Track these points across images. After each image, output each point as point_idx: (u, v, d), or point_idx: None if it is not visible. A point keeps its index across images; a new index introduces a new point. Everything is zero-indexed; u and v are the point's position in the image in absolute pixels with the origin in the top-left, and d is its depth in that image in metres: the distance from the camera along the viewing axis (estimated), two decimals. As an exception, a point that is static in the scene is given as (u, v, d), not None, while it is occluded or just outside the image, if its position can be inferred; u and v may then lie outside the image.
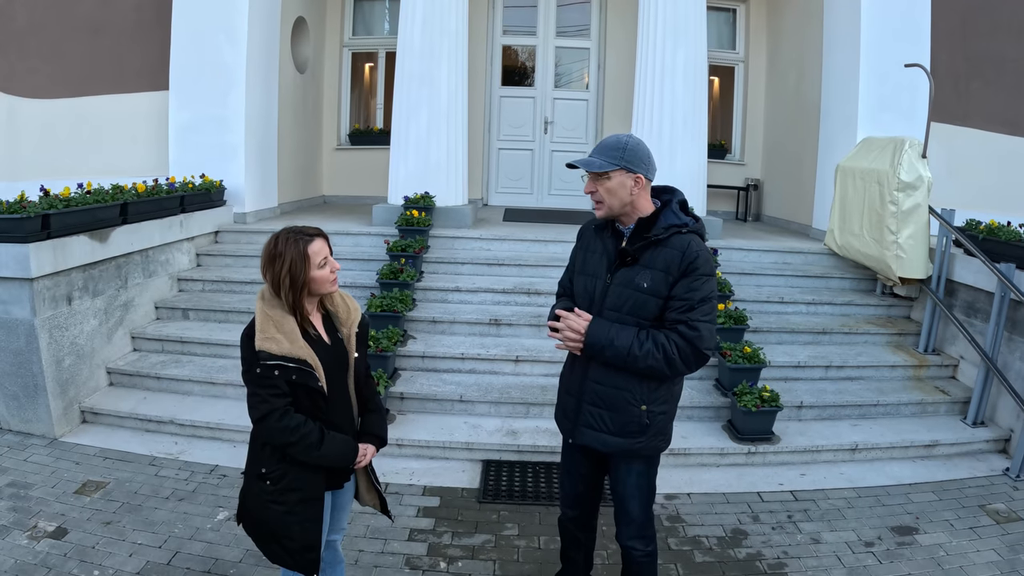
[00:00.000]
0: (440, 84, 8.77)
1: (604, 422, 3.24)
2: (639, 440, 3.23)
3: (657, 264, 3.09)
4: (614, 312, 3.15)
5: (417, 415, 6.08)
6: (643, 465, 3.36)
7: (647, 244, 3.12)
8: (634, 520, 3.41)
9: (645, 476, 3.38)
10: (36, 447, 5.65)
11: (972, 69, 9.44)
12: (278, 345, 2.84)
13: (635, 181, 3.10)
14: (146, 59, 9.61)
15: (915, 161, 7.01)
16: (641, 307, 3.11)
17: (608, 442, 3.26)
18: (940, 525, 4.88)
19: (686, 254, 3.05)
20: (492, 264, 8.04)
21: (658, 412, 3.23)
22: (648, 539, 3.46)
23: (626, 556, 3.51)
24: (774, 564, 4.41)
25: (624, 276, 3.15)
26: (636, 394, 3.17)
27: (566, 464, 3.61)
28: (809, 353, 6.87)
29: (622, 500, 3.41)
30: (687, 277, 3.05)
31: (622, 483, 3.38)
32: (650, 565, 3.51)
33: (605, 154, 3.11)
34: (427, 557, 4.39)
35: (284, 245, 2.89)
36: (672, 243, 3.09)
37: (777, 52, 11.50)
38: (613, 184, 3.10)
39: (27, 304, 5.64)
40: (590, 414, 3.27)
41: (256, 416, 2.90)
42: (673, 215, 3.16)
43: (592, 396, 3.26)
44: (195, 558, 4.29)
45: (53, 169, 9.15)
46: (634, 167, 3.08)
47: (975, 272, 6.61)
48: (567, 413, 3.41)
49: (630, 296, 3.12)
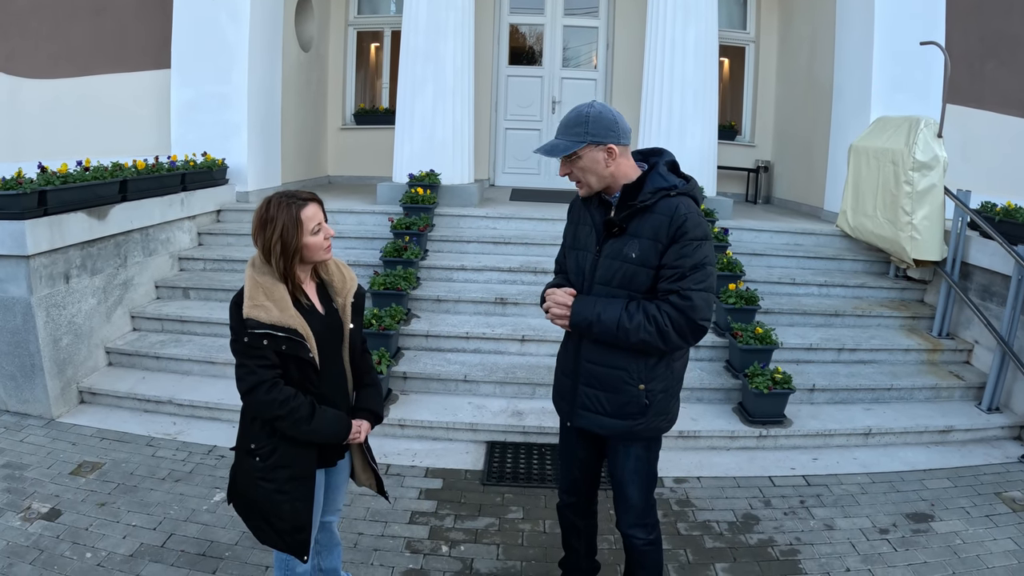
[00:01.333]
0: (446, 60, 8.66)
1: (601, 404, 3.09)
2: (639, 421, 3.08)
3: (645, 232, 2.91)
4: (604, 286, 3.00)
5: (420, 395, 5.98)
6: (642, 449, 3.20)
7: (633, 212, 2.94)
8: (633, 506, 3.27)
9: (644, 460, 3.23)
10: (33, 427, 5.57)
11: (987, 50, 9.26)
12: (267, 313, 2.72)
13: (607, 153, 2.90)
14: (148, 37, 9.52)
15: (931, 140, 6.85)
16: (631, 279, 2.95)
17: (607, 424, 3.12)
18: (956, 512, 4.76)
19: (674, 218, 2.87)
20: (498, 243, 7.92)
21: (658, 391, 3.07)
22: (650, 527, 3.33)
23: (628, 545, 3.37)
24: (786, 551, 4.29)
25: (612, 248, 2.99)
26: (633, 373, 3.02)
27: (564, 447, 3.48)
28: (821, 335, 6.73)
29: (621, 485, 3.27)
30: (676, 243, 2.87)
31: (620, 467, 3.24)
32: (653, 554, 3.37)
33: (568, 133, 2.92)
34: (428, 540, 4.29)
35: (276, 210, 2.77)
36: (659, 208, 2.91)
37: (789, 31, 11.31)
38: (585, 162, 2.93)
39: (23, 282, 5.53)
40: (587, 396, 3.13)
41: (244, 388, 2.77)
42: (660, 178, 2.97)
43: (588, 377, 3.11)
44: (190, 540, 4.20)
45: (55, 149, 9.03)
46: (601, 139, 2.88)
47: (991, 255, 6.45)
48: (564, 395, 3.28)
49: (619, 268, 2.96)
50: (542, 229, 8.23)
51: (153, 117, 9.40)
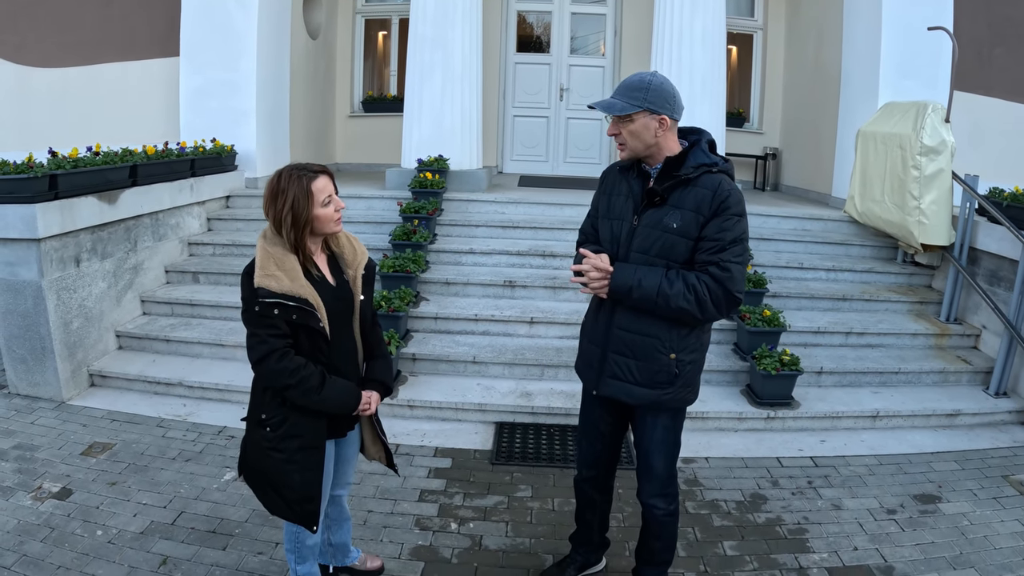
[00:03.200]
0: (454, 47, 8.66)
1: (631, 372, 3.11)
2: (667, 391, 3.11)
3: (687, 204, 2.96)
4: (642, 255, 3.02)
5: (429, 377, 6.00)
6: (669, 418, 3.24)
7: (676, 183, 2.98)
8: (657, 476, 3.30)
9: (671, 430, 3.27)
10: (43, 410, 5.61)
11: (995, 36, 9.21)
12: (278, 283, 2.74)
13: (659, 123, 2.95)
14: (156, 26, 9.54)
15: (938, 125, 6.83)
16: (670, 249, 2.98)
17: (635, 393, 3.13)
18: (963, 494, 4.77)
19: (717, 193, 2.93)
20: (507, 227, 7.93)
21: (687, 361, 3.10)
22: (670, 497, 3.35)
23: (647, 514, 3.40)
24: (794, 529, 4.31)
25: (652, 217, 3.02)
26: (665, 341, 3.04)
27: (586, 419, 3.49)
28: (829, 319, 6.73)
29: (646, 454, 3.29)
30: (718, 217, 2.92)
31: (647, 437, 3.26)
32: (671, 525, 3.41)
33: (627, 95, 2.95)
34: (438, 518, 4.32)
35: (287, 182, 2.79)
36: (702, 183, 2.96)
37: (796, 18, 11.25)
38: (636, 127, 2.96)
39: (34, 265, 5.56)
40: (616, 363, 3.15)
41: (255, 357, 2.80)
42: (703, 154, 3.02)
43: (618, 344, 3.13)
44: (200, 518, 4.24)
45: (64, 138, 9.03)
46: (658, 108, 2.93)
47: (999, 240, 6.44)
48: (591, 363, 3.28)
49: (659, 237, 2.99)
50: (550, 214, 8.23)
51: (162, 105, 9.42)
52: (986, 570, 3.94)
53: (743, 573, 3.89)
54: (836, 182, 9.33)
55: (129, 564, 3.77)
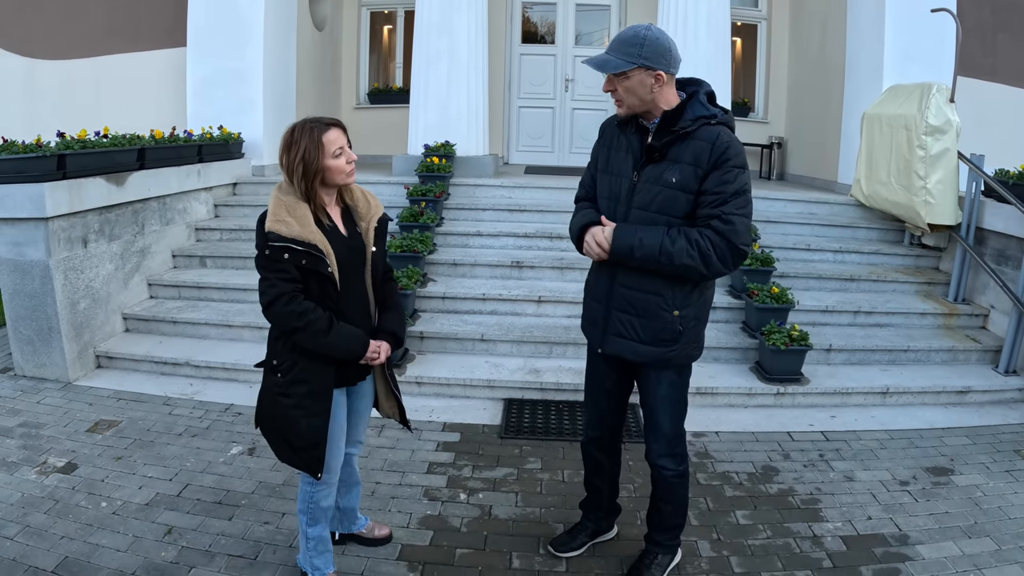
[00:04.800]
0: (460, 33, 8.68)
1: (635, 330, 3.09)
2: (672, 348, 3.08)
3: (685, 157, 2.90)
4: (642, 211, 2.99)
5: (437, 355, 5.99)
6: (675, 375, 3.21)
7: (674, 138, 2.92)
8: (664, 434, 3.27)
9: (677, 387, 3.24)
10: (49, 390, 5.60)
11: (999, 22, 9.21)
12: (288, 228, 2.79)
13: (655, 79, 2.88)
14: (163, 16, 9.57)
15: (943, 105, 6.80)
16: (671, 204, 2.94)
17: (639, 351, 3.11)
18: (976, 467, 4.74)
19: (716, 145, 2.87)
20: (514, 210, 7.92)
21: (691, 318, 3.08)
22: (679, 457, 3.33)
23: (656, 476, 3.37)
24: (807, 499, 4.28)
25: (652, 173, 2.98)
26: (668, 299, 3.02)
27: (591, 377, 3.48)
28: (837, 299, 6.71)
29: (652, 412, 3.27)
30: (718, 169, 2.87)
31: (652, 394, 3.23)
32: (682, 486, 3.38)
33: (621, 51, 2.89)
34: (447, 489, 4.31)
35: (299, 133, 2.86)
36: (701, 135, 2.90)
37: (801, 6, 11.26)
38: (632, 83, 2.90)
39: (42, 245, 5.56)
40: (620, 321, 3.12)
41: (265, 301, 2.85)
42: (701, 106, 2.95)
43: (621, 302, 3.10)
44: (206, 490, 4.23)
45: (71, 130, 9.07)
46: (653, 64, 2.86)
47: (1006, 218, 6.40)
48: (595, 321, 3.25)
49: (659, 192, 2.95)
50: (557, 198, 8.21)
51: (169, 95, 9.44)
52: (1001, 539, 3.91)
53: (757, 541, 3.86)
54: (842, 168, 9.33)
55: (133, 534, 3.76)
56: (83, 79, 9.97)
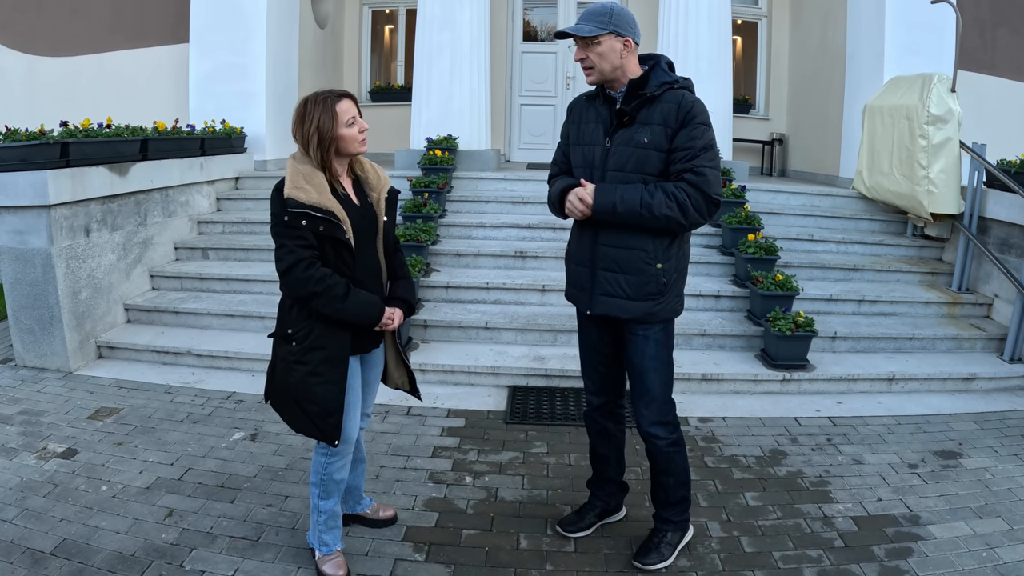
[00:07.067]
0: (462, 27, 8.67)
1: (621, 287, 3.20)
2: (658, 302, 3.20)
3: (654, 119, 3.10)
4: (618, 172, 3.16)
5: (441, 343, 5.97)
6: (660, 331, 3.28)
7: (642, 102, 3.13)
8: (655, 398, 3.31)
9: (663, 344, 3.30)
10: (50, 380, 5.58)
11: (999, 17, 9.22)
12: (306, 195, 2.85)
13: (624, 44, 3.12)
14: (165, 12, 9.59)
15: (944, 95, 6.79)
16: (644, 162, 3.12)
17: (628, 307, 3.21)
18: (984, 451, 4.72)
19: (682, 105, 3.08)
20: (516, 202, 7.93)
21: (672, 270, 3.22)
22: (671, 426, 3.37)
23: (650, 448, 3.41)
24: (816, 482, 4.26)
25: (624, 136, 3.16)
26: (651, 253, 3.15)
27: (585, 343, 3.55)
28: (841, 288, 6.69)
29: (640, 374, 3.31)
30: (686, 127, 3.07)
31: (640, 352, 3.29)
32: (679, 454, 3.42)
33: (592, 20, 3.12)
34: (452, 472, 4.28)
35: (312, 105, 2.93)
36: (666, 98, 3.12)
37: (801, 3, 11.27)
38: (603, 48, 3.11)
39: (44, 233, 5.54)
40: (606, 280, 3.23)
41: (282, 268, 2.89)
42: (664, 73, 3.19)
43: (606, 261, 3.22)
44: (208, 474, 4.21)
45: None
46: (622, 31, 3.10)
47: (1008, 207, 6.38)
48: (582, 285, 3.36)
49: (632, 154, 3.13)
50: (560, 191, 8.14)
51: (171, 92, 9.46)
52: (1012, 519, 3.88)
53: (767, 521, 3.83)
54: (843, 163, 9.34)
55: (133, 516, 3.74)
56: (85, 76, 9.97)
